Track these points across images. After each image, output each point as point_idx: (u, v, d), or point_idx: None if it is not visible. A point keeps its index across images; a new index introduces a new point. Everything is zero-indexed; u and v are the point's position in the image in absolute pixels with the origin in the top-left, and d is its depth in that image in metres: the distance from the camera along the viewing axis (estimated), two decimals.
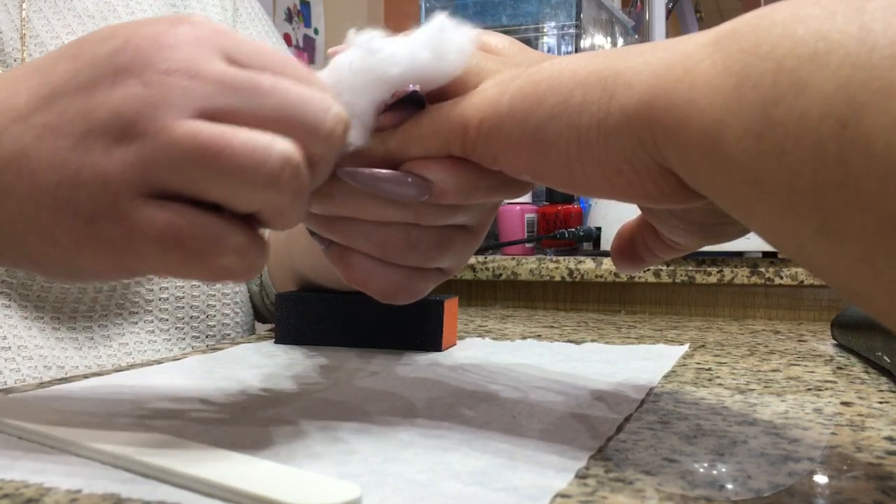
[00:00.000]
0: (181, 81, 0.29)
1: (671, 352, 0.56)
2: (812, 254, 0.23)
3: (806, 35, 0.23)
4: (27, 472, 0.28)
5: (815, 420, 0.37)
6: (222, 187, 0.30)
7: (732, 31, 0.26)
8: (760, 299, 0.90)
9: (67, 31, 0.61)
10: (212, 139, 0.29)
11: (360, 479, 0.27)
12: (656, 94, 0.27)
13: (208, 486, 0.26)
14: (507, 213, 1.08)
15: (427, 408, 0.38)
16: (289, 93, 0.30)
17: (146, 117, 0.29)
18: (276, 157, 0.29)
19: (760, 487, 0.27)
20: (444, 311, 0.55)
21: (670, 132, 0.26)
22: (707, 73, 0.25)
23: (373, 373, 0.47)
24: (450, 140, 0.32)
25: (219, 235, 0.30)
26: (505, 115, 0.30)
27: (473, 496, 0.26)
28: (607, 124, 0.28)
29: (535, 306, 1.00)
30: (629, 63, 0.28)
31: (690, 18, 1.85)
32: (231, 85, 0.30)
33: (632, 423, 0.35)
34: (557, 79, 0.30)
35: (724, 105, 0.24)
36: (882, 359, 0.48)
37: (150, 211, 0.30)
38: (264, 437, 0.33)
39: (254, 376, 0.46)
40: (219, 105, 0.29)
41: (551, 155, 0.30)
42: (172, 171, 0.29)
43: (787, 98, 0.22)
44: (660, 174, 0.28)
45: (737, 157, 0.24)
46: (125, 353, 0.60)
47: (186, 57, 0.30)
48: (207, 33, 0.31)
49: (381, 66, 0.32)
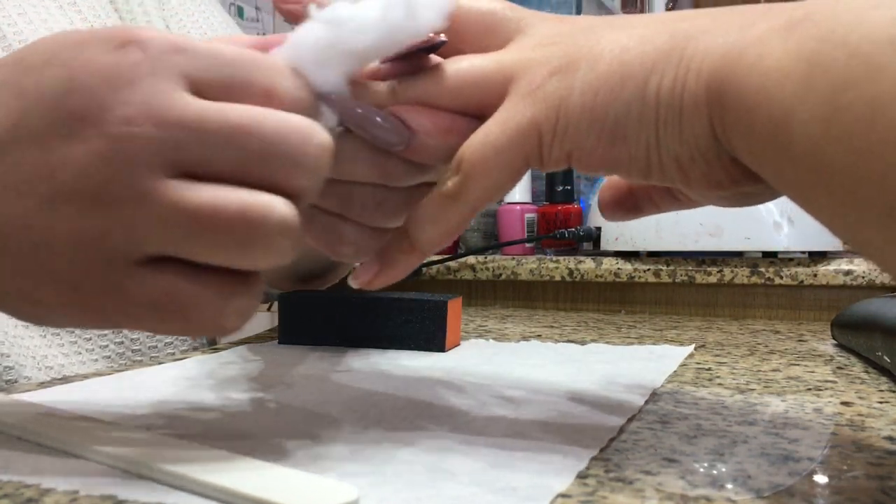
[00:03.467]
0: (147, 132, 0.26)
1: (674, 352, 0.56)
2: (874, 238, 0.23)
3: (882, 20, 0.23)
4: (26, 472, 0.28)
5: (815, 420, 0.36)
6: (217, 255, 0.28)
7: (805, 16, 0.25)
8: (760, 299, 0.90)
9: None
10: (200, 207, 0.26)
11: (359, 479, 0.27)
12: (726, 80, 0.27)
13: (206, 488, 0.26)
14: (507, 213, 1.08)
15: (427, 408, 0.38)
16: (265, 128, 0.27)
17: (117, 181, 0.26)
18: (274, 221, 0.27)
19: (760, 487, 0.27)
20: (447, 311, 0.55)
21: (739, 119, 0.26)
22: (779, 60, 0.25)
23: (374, 373, 0.47)
24: (527, 150, 0.30)
25: (219, 302, 0.28)
26: (580, 113, 0.29)
27: (473, 496, 0.26)
28: (682, 117, 0.28)
29: (535, 306, 1.00)
30: (698, 46, 0.28)
31: None
32: (202, 129, 0.27)
33: (632, 424, 0.35)
34: (627, 69, 0.29)
35: (793, 92, 0.24)
36: (882, 359, 0.48)
37: (144, 279, 0.28)
38: (263, 438, 0.33)
39: (254, 377, 0.46)
40: (191, 156, 0.27)
41: (631, 150, 0.29)
42: (160, 241, 0.27)
43: (859, 82, 0.22)
44: (730, 163, 0.28)
45: (803, 144, 0.24)
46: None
47: (145, 97, 0.27)
48: (160, 55, 0.27)
49: (350, 37, 0.30)
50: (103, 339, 0.60)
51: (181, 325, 0.28)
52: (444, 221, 0.32)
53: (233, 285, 0.28)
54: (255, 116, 0.27)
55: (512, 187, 0.31)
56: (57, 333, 0.57)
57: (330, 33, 0.30)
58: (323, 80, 0.30)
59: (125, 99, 0.27)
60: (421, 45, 0.31)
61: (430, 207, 0.32)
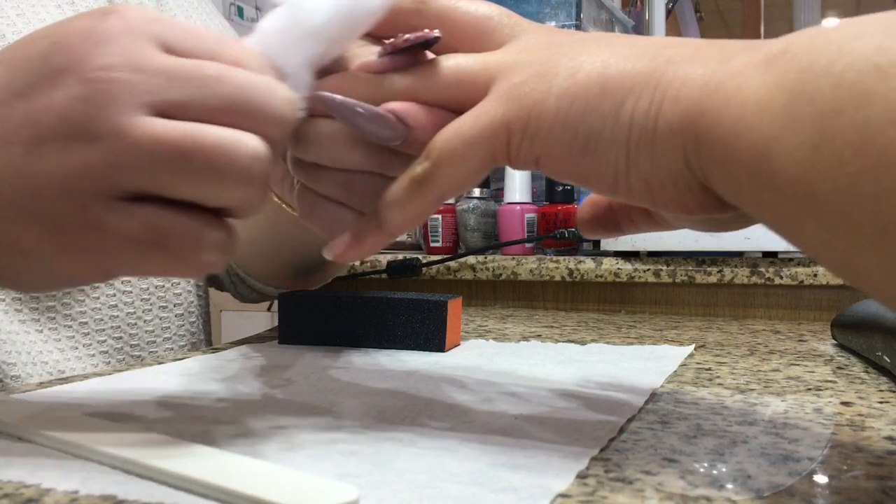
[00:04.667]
0: (124, 76, 0.29)
1: (674, 353, 0.56)
2: (865, 263, 0.23)
3: (866, 51, 0.23)
4: (26, 472, 0.28)
5: (815, 420, 0.36)
6: (195, 187, 0.29)
7: (783, 51, 0.26)
8: (760, 299, 0.90)
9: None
10: (180, 140, 0.29)
11: (359, 479, 0.27)
12: (703, 111, 0.27)
13: (206, 488, 0.26)
14: (507, 213, 1.08)
15: (427, 408, 0.38)
16: (235, 80, 0.30)
17: (95, 118, 0.28)
18: (248, 153, 0.29)
19: (760, 487, 0.27)
20: (447, 311, 0.55)
21: (715, 149, 0.26)
22: (758, 92, 0.25)
23: (375, 373, 0.47)
24: (495, 146, 0.31)
25: (199, 233, 0.30)
26: (552, 118, 0.30)
27: (473, 497, 0.26)
28: (654, 141, 0.28)
29: (535, 306, 1.00)
30: (677, 73, 0.28)
31: (690, 18, 1.85)
32: (176, 76, 0.29)
33: (632, 424, 0.35)
34: (606, 84, 0.29)
35: (775, 121, 0.24)
36: (882, 359, 0.48)
37: (124, 214, 0.29)
38: (263, 438, 0.33)
39: (254, 377, 0.46)
40: (167, 98, 0.29)
41: (600, 164, 0.30)
42: (141, 174, 0.29)
43: (847, 109, 0.23)
44: (700, 191, 0.29)
45: (788, 172, 0.24)
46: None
47: (123, 50, 0.29)
48: (138, 22, 0.30)
49: (306, 18, 0.32)
50: (101, 334, 0.60)
51: (162, 260, 0.30)
52: (409, 205, 0.32)
53: (210, 219, 0.30)
54: (227, 69, 0.30)
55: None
56: (54, 328, 0.57)
57: (289, 16, 0.32)
58: (288, 66, 0.32)
59: (103, 51, 0.29)
60: (415, 41, 0.32)
61: (399, 191, 0.32)
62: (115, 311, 0.61)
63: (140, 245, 0.30)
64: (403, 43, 0.32)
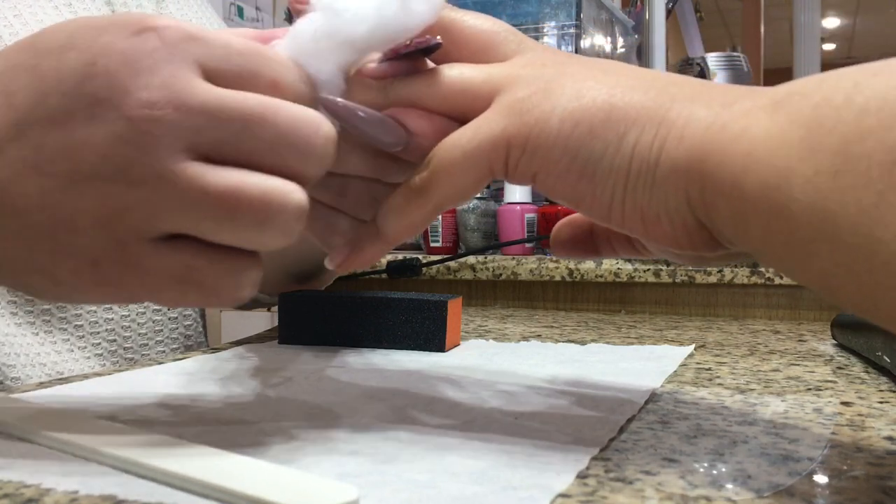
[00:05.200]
0: (167, 115, 0.27)
1: (674, 353, 0.56)
2: (882, 282, 0.23)
3: (890, 81, 0.24)
4: (26, 472, 0.28)
5: (815, 420, 0.36)
6: (236, 235, 0.29)
7: (790, 93, 0.26)
8: (760, 299, 0.90)
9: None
10: (226, 191, 0.28)
11: (359, 479, 0.27)
12: (708, 152, 0.27)
13: (206, 488, 0.26)
14: (507, 213, 1.08)
15: (428, 408, 0.38)
16: (278, 119, 0.29)
17: (139, 162, 0.28)
18: (292, 208, 0.29)
19: (760, 487, 0.27)
20: (447, 311, 0.55)
21: (723, 186, 0.27)
22: (768, 129, 0.26)
23: (375, 373, 0.47)
24: (492, 159, 0.30)
25: (238, 274, 0.30)
26: (554, 138, 0.29)
27: (473, 496, 0.26)
28: (655, 176, 0.28)
29: (535, 306, 1.00)
30: (682, 112, 0.28)
31: (690, 18, 1.85)
32: (220, 116, 0.28)
33: (632, 423, 0.35)
34: (611, 112, 0.29)
35: (791, 154, 0.25)
36: (882, 359, 0.48)
37: (163, 254, 0.29)
38: (263, 437, 0.33)
39: (254, 377, 0.46)
40: (210, 140, 0.28)
41: (596, 191, 0.30)
42: (183, 221, 0.28)
43: (875, 132, 0.23)
44: (696, 228, 0.29)
45: (804, 199, 0.24)
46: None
47: (165, 82, 0.28)
48: (178, 42, 0.28)
49: (346, 27, 0.31)
50: (96, 336, 0.60)
51: (199, 297, 0.30)
52: (407, 215, 0.32)
53: (245, 259, 0.30)
54: (270, 106, 0.29)
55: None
56: (49, 331, 0.57)
57: (328, 23, 0.31)
58: (321, 71, 0.32)
59: (145, 83, 0.28)
60: (417, 47, 0.32)
61: (398, 199, 0.32)
62: (110, 314, 0.61)
63: (177, 283, 0.29)
64: (405, 48, 0.32)
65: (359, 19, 0.31)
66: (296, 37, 0.32)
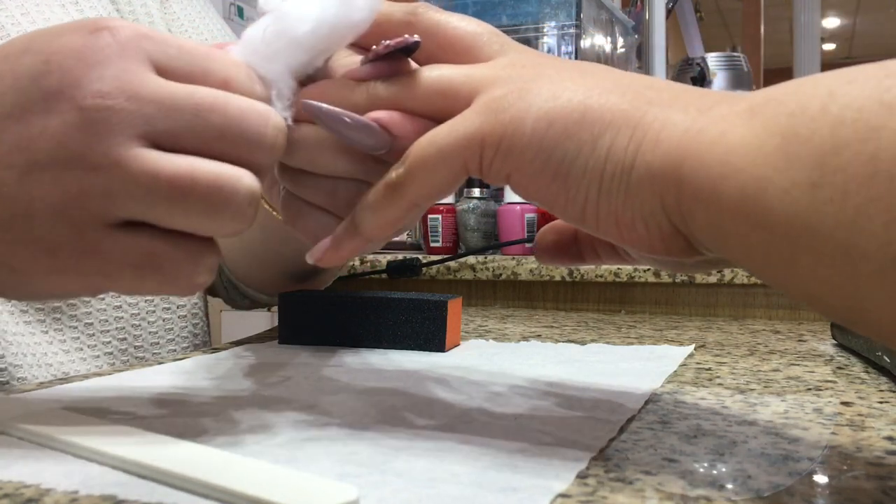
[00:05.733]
0: (119, 104, 0.29)
1: (674, 353, 0.56)
2: (867, 296, 0.23)
3: (864, 90, 0.23)
4: (26, 472, 0.28)
5: (815, 420, 0.36)
6: (189, 220, 0.30)
7: (768, 99, 0.26)
8: (760, 299, 0.90)
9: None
10: (177, 176, 0.29)
11: (359, 479, 0.27)
12: (685, 157, 0.27)
13: (206, 488, 0.26)
14: (507, 213, 1.08)
15: (428, 408, 0.38)
16: (228, 109, 0.30)
17: (92, 148, 0.28)
18: (244, 192, 0.30)
19: (760, 487, 0.27)
20: (447, 311, 0.55)
21: (700, 194, 0.26)
22: (744, 136, 0.26)
23: (375, 373, 0.47)
24: (466, 157, 0.30)
25: (194, 259, 0.31)
26: (528, 138, 0.29)
27: (473, 497, 0.26)
28: (630, 179, 0.28)
29: (535, 306, 1.00)
30: (658, 115, 0.28)
31: (690, 18, 1.86)
32: (171, 105, 0.29)
33: (632, 423, 0.35)
34: (586, 113, 0.29)
35: (767, 163, 0.25)
36: (882, 359, 0.48)
37: (121, 239, 0.30)
38: (263, 437, 0.33)
39: (254, 377, 0.46)
40: (162, 128, 0.29)
41: (570, 192, 0.29)
42: (137, 205, 0.29)
43: (852, 144, 0.23)
44: (671, 234, 0.29)
45: (783, 211, 0.24)
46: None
47: (117, 74, 0.29)
48: (130, 40, 0.30)
49: (291, 28, 0.32)
50: (106, 335, 0.60)
51: (156, 283, 0.31)
52: (383, 211, 0.32)
53: (202, 245, 0.31)
54: (220, 97, 0.30)
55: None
56: (59, 329, 0.57)
57: (275, 25, 0.33)
58: (272, 72, 0.33)
59: (98, 76, 0.29)
60: (396, 47, 0.32)
61: (374, 196, 0.33)
62: (120, 313, 0.61)
63: (135, 269, 0.30)
64: (384, 49, 0.32)
65: (302, 19, 0.32)
66: (247, 41, 0.33)
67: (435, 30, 0.34)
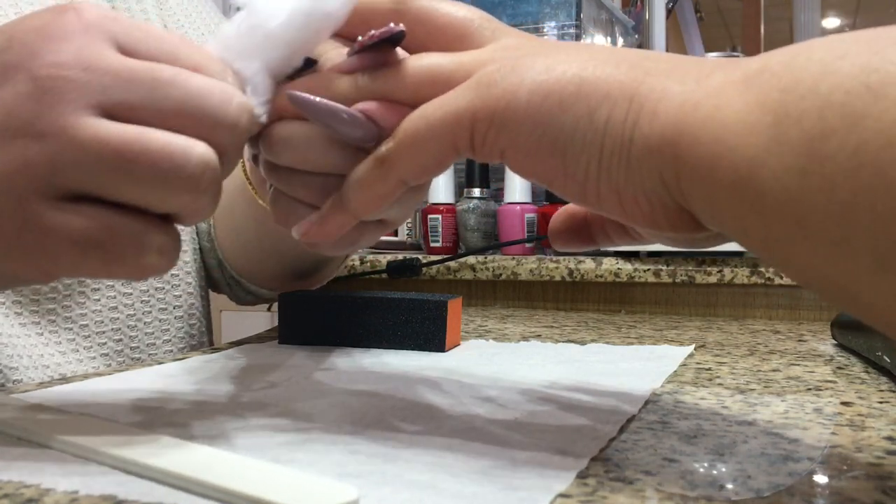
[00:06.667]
0: (73, 74, 0.28)
1: (674, 353, 0.56)
2: (864, 289, 0.23)
3: (853, 70, 0.22)
4: (26, 472, 0.28)
5: (815, 420, 0.36)
6: (139, 191, 0.29)
7: (762, 69, 0.25)
8: (760, 299, 0.90)
9: None
10: (125, 143, 0.28)
11: (359, 479, 0.27)
12: (682, 131, 0.26)
13: (206, 488, 0.26)
14: (507, 213, 1.08)
15: (427, 408, 0.38)
16: (189, 84, 0.29)
17: (41, 115, 0.28)
18: (196, 161, 0.29)
19: (760, 487, 0.27)
20: (447, 311, 0.55)
21: (697, 171, 0.26)
22: (739, 112, 0.25)
23: (374, 373, 0.47)
24: (457, 133, 0.30)
25: (140, 237, 0.30)
26: (523, 111, 0.28)
27: (473, 497, 0.26)
28: (630, 153, 0.27)
29: (535, 306, 1.00)
30: (655, 86, 0.27)
31: (690, 18, 1.85)
32: (129, 77, 0.29)
33: (632, 424, 0.35)
34: (582, 85, 0.28)
35: (760, 143, 0.24)
36: (882, 359, 0.48)
37: (64, 214, 0.29)
38: (263, 437, 0.33)
39: (254, 376, 0.46)
40: (117, 99, 0.28)
41: (568, 168, 0.29)
42: (83, 174, 0.28)
43: (838, 131, 0.22)
44: (675, 210, 0.28)
45: (775, 196, 0.23)
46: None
47: (76, 48, 0.28)
48: (96, 20, 0.29)
49: (265, 22, 0.32)
50: (101, 336, 0.60)
51: (101, 262, 0.30)
52: (370, 186, 0.32)
53: (152, 222, 0.30)
54: (182, 73, 0.29)
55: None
56: (55, 331, 0.57)
57: (248, 20, 0.32)
58: (246, 68, 0.32)
59: (56, 48, 0.28)
60: (380, 37, 0.31)
61: (362, 170, 0.32)
62: (116, 314, 0.61)
63: (79, 246, 0.29)
64: (369, 39, 0.31)
65: (276, 12, 0.32)
66: (222, 37, 0.33)
67: (425, 17, 0.33)
